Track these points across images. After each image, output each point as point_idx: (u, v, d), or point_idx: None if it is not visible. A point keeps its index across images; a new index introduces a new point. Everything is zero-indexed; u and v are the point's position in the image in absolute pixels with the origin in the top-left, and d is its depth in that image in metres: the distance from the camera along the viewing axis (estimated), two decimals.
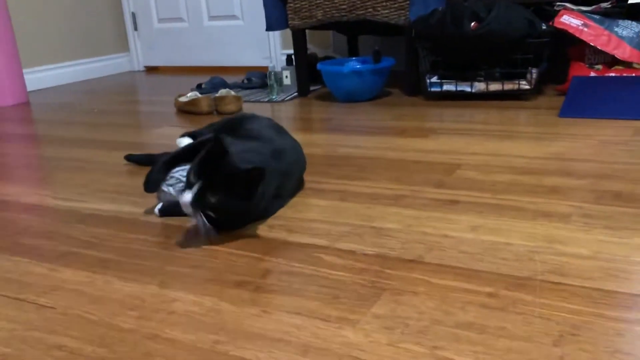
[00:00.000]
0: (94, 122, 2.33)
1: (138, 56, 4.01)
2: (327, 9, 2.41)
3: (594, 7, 2.22)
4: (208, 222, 1.04)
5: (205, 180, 1.02)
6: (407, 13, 2.25)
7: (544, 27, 2.02)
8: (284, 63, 3.31)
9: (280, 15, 2.51)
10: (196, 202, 1.02)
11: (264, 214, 1.17)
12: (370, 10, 2.32)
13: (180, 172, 1.21)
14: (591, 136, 1.59)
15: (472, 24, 2.03)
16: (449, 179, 1.33)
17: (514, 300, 0.81)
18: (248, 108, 2.41)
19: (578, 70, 2.14)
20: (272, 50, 3.48)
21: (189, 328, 0.81)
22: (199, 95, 2.47)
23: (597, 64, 2.16)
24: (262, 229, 1.13)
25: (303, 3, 2.45)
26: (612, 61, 2.13)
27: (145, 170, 1.26)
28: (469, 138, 1.66)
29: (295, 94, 2.59)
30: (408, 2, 2.23)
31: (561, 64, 2.28)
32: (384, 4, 2.29)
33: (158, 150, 1.67)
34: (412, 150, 1.59)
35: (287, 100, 2.50)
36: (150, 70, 4.01)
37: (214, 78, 2.89)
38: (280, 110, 2.33)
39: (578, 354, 0.69)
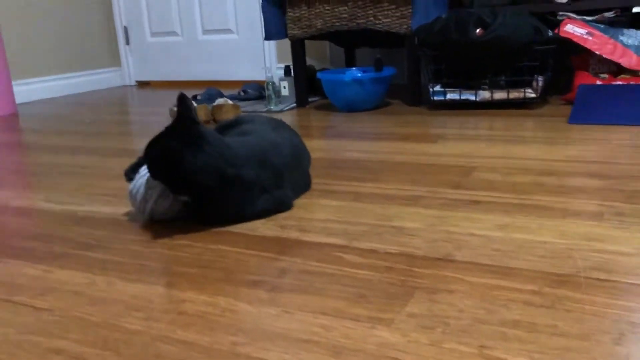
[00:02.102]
0: (86, 131, 2.24)
1: (130, 71, 3.95)
2: (328, 18, 2.36)
3: (597, 16, 2.20)
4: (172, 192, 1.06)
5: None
6: (409, 22, 2.21)
7: (550, 34, 1.99)
8: (273, 78, 3.26)
9: (279, 25, 2.46)
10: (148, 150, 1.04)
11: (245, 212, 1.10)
12: (371, 19, 2.28)
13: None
14: (607, 140, 1.54)
15: (478, 30, 1.99)
16: (466, 181, 1.27)
17: (560, 298, 0.74)
18: None
19: (584, 79, 2.10)
20: (267, 64, 3.44)
21: (203, 329, 0.73)
22: (196, 104, 2.41)
23: (602, 73, 2.13)
24: (273, 229, 1.05)
25: (303, 12, 2.41)
26: (617, 70, 2.10)
27: None
28: (479, 143, 1.61)
29: (294, 104, 2.53)
30: (410, 10, 2.20)
31: (564, 74, 2.25)
32: (386, 12, 2.25)
33: None
34: (422, 154, 1.53)
35: (285, 110, 2.44)
36: (142, 85, 3.94)
37: (209, 89, 2.82)
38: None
39: None
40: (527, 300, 0.74)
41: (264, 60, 3.45)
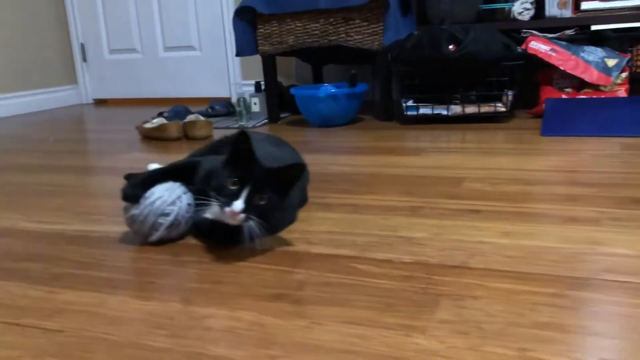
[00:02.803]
0: (54, 150, 2.17)
1: (87, 88, 3.85)
2: (299, 35, 2.38)
3: (558, 34, 2.30)
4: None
5: (252, 183, 0.95)
6: (381, 38, 2.25)
7: (518, 50, 2.06)
8: (245, 94, 3.25)
9: (250, 41, 2.46)
10: (247, 209, 0.94)
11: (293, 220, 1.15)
12: (343, 35, 2.31)
13: (160, 198, 1.04)
14: (582, 151, 1.61)
15: (451, 46, 2.04)
16: (458, 191, 1.29)
17: (583, 300, 0.76)
18: (218, 134, 2.32)
19: (549, 93, 2.19)
20: (232, 81, 3.42)
21: (234, 344, 0.71)
22: (165, 121, 2.37)
23: (566, 87, 2.22)
24: (279, 242, 1.04)
25: (274, 29, 2.42)
26: (579, 85, 2.20)
27: None
28: (460, 155, 1.64)
29: (266, 120, 2.53)
30: (382, 27, 2.24)
31: (529, 89, 2.34)
32: (357, 29, 2.29)
33: None
34: (408, 166, 1.55)
35: (258, 126, 2.43)
36: (100, 103, 3.85)
37: (176, 106, 2.78)
38: None
39: None
40: (552, 302, 0.76)
41: (228, 77, 3.43)
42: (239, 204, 0.93)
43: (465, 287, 0.82)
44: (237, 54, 2.47)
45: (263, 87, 2.62)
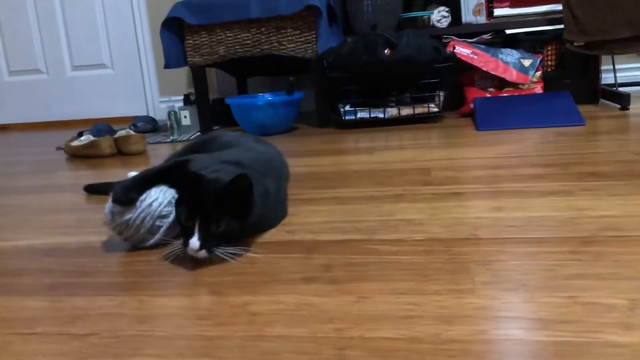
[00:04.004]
0: None
1: None
2: (230, 45, 2.36)
3: (476, 38, 2.46)
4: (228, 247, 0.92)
5: (202, 215, 0.89)
6: (314, 46, 2.29)
7: (448, 53, 2.18)
8: (163, 112, 3.16)
9: (178, 53, 2.41)
10: (206, 242, 0.89)
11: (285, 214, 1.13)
12: (275, 44, 2.33)
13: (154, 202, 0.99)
14: (523, 140, 1.73)
15: (386, 50, 2.12)
16: (431, 179, 1.34)
17: (600, 253, 0.82)
18: (150, 149, 2.24)
19: (475, 93, 2.33)
20: (149, 99, 3.31)
21: (292, 323, 0.69)
22: (92, 137, 2.25)
23: (488, 87, 2.37)
24: (282, 234, 1.03)
25: (203, 40, 2.38)
26: (499, 84, 2.36)
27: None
28: (414, 150, 1.71)
29: (198, 133, 2.47)
30: (314, 35, 2.28)
31: (452, 91, 2.47)
32: (290, 38, 2.31)
33: (76, 190, 1.47)
34: (369, 162, 1.58)
35: (192, 139, 2.37)
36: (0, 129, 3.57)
37: (97, 125, 2.64)
38: None
39: None
40: (574, 258, 0.81)
41: (144, 96, 3.32)
42: (194, 242, 0.88)
43: (488, 254, 0.85)
44: (166, 67, 2.40)
45: (193, 99, 2.56)
